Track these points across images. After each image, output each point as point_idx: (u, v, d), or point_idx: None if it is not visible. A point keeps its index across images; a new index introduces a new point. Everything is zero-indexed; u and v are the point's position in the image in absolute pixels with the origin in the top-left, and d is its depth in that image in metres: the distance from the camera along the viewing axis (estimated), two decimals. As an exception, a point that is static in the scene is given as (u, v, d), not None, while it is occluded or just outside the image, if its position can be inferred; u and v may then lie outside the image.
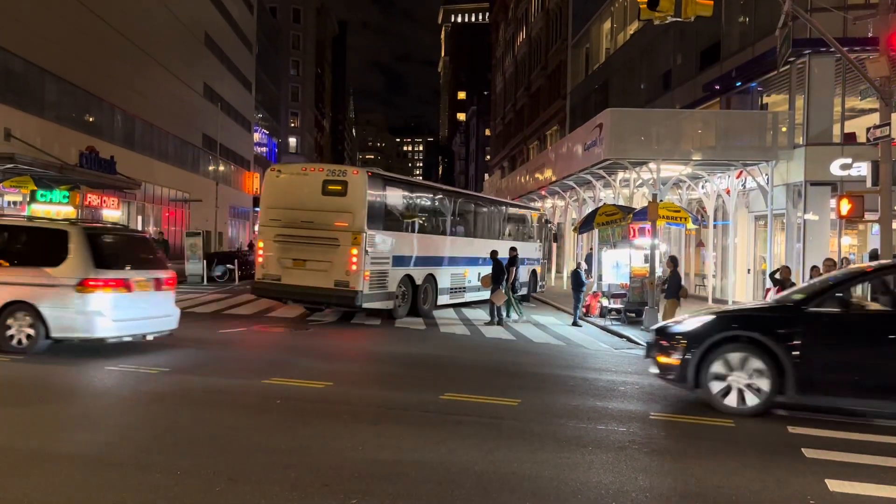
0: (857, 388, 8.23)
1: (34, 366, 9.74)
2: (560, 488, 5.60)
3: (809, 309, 8.54)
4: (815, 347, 8.29)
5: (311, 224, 16.08)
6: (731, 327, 8.76)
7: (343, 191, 16.13)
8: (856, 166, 18.49)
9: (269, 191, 17.17)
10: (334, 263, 15.81)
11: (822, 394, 8.37)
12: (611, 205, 20.98)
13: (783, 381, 8.22)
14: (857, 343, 8.40)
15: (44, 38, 29.07)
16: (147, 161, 40.56)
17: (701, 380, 8.56)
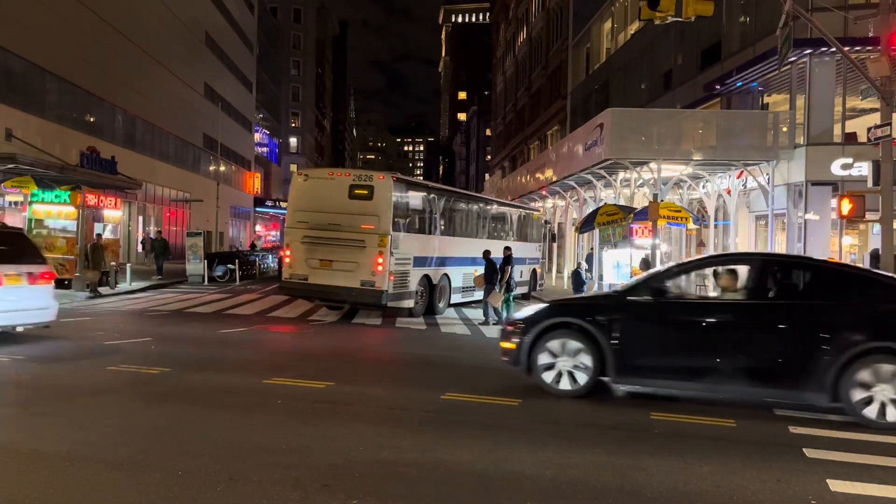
0: (669, 372, 8.71)
1: (34, 366, 9.75)
2: (561, 488, 5.60)
3: (628, 297, 9.09)
4: (631, 333, 8.78)
5: (337, 226, 16.68)
6: (560, 314, 9.28)
7: (369, 195, 16.76)
8: (857, 166, 18.49)
9: (297, 194, 17.64)
10: (360, 264, 16.41)
11: (639, 376, 8.88)
12: (611, 205, 20.98)
13: (604, 365, 8.77)
14: (667, 329, 8.85)
15: (45, 39, 29.08)
16: (148, 161, 40.58)
17: (532, 363, 9.11)
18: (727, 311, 8.89)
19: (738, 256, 11.79)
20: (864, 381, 7.94)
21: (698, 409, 8.76)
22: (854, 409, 8.01)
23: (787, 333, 8.37)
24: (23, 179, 22.71)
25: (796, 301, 8.88)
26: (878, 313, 8.32)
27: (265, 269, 34.82)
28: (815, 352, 8.10)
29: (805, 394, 8.25)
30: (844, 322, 8.23)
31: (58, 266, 21.45)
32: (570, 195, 32.39)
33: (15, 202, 26.58)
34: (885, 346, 7.93)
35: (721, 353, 8.48)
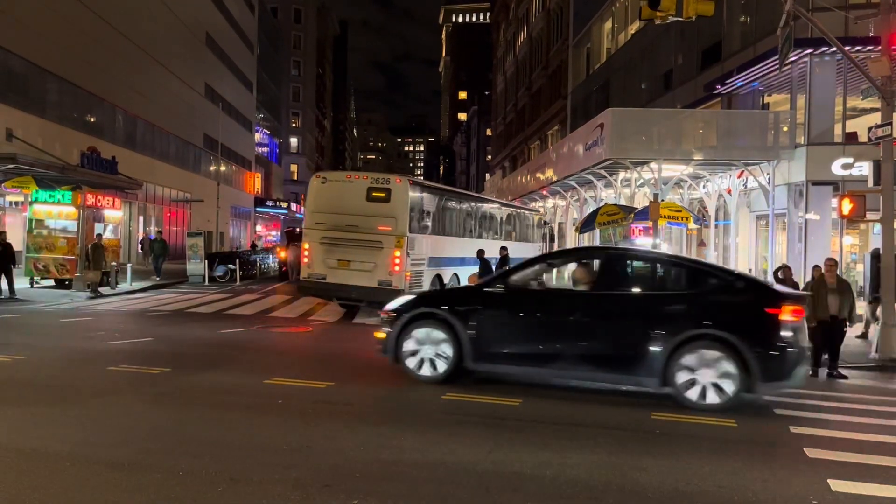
0: (520, 358, 9.25)
1: (35, 366, 9.75)
2: (562, 487, 5.59)
3: (485, 289, 9.72)
4: (486, 323, 9.32)
5: (355, 228, 17.08)
6: (425, 304, 9.77)
7: (387, 197, 17.26)
8: (857, 166, 18.47)
9: (315, 196, 17.98)
10: (378, 264, 16.87)
11: (494, 362, 9.32)
12: (612, 204, 20.98)
13: (462, 352, 9.25)
14: (517, 318, 9.43)
15: (45, 39, 29.09)
16: (148, 161, 40.59)
17: (399, 351, 9.55)
18: (571, 301, 9.48)
19: (585, 251, 12.64)
20: (689, 366, 8.49)
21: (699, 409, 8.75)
22: (679, 391, 8.56)
23: (623, 322, 8.94)
24: (23, 179, 22.73)
25: (633, 292, 9.49)
26: (705, 303, 8.85)
27: (265, 270, 34.82)
28: (647, 338, 8.65)
29: (639, 378, 8.81)
30: (674, 311, 8.83)
31: (58, 266, 21.48)
32: (570, 195, 32.40)
33: (15, 202, 26.62)
34: (709, 334, 8.47)
35: (565, 340, 9.04)
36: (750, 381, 8.38)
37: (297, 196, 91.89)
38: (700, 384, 8.48)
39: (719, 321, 8.52)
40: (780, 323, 8.44)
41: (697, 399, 8.50)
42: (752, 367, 8.29)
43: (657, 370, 8.56)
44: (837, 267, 12.76)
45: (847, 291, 12.18)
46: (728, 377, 8.41)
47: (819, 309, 11.88)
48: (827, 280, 12.06)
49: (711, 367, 8.43)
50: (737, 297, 8.94)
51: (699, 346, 8.48)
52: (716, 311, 8.69)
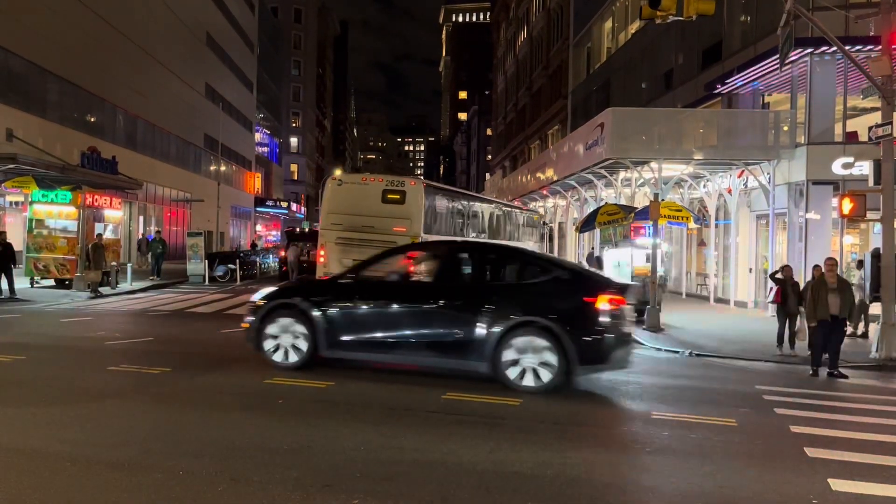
0: (368, 345, 9.71)
1: (35, 366, 9.75)
2: (562, 488, 5.59)
3: (338, 281, 10.38)
4: (337, 312, 9.78)
5: (371, 228, 17.48)
6: (285, 296, 10.24)
7: (401, 199, 17.83)
8: (858, 165, 18.46)
9: (330, 198, 18.50)
10: None
11: (345, 350, 9.77)
12: (612, 204, 20.96)
13: (317, 340, 9.71)
14: (365, 308, 9.89)
15: (46, 39, 29.09)
16: (149, 161, 40.59)
17: (260, 340, 9.94)
18: (412, 292, 10.01)
19: (431, 244, 13.37)
20: (515, 351, 9.05)
21: (699, 409, 8.76)
22: (504, 374, 9.08)
23: (458, 311, 9.45)
24: (24, 179, 22.73)
25: (468, 283, 9.97)
26: (531, 293, 9.44)
27: (266, 269, 34.83)
28: (480, 326, 9.18)
29: (473, 362, 9.30)
30: (504, 301, 9.32)
31: (58, 266, 21.49)
32: (570, 195, 32.39)
33: (16, 202, 26.64)
34: (533, 321, 9.01)
35: (408, 328, 9.57)
36: (569, 365, 8.94)
37: (297, 196, 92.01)
38: (524, 368, 9.03)
39: (542, 310, 9.07)
40: (597, 311, 9.01)
41: (523, 381, 9.02)
42: (569, 352, 8.87)
43: (487, 355, 9.09)
44: (837, 267, 12.74)
45: (847, 291, 12.15)
46: (548, 361, 8.97)
47: (819, 309, 11.87)
48: (827, 280, 12.03)
49: (535, 352, 8.99)
50: (561, 287, 9.54)
51: (524, 332, 9.01)
52: (540, 301, 9.26)
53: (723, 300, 23.91)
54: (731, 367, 12.84)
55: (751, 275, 23.15)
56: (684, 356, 13.69)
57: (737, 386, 10.72)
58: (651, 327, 16.63)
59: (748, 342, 15.31)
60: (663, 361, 13.07)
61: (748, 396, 9.81)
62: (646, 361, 12.95)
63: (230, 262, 29.49)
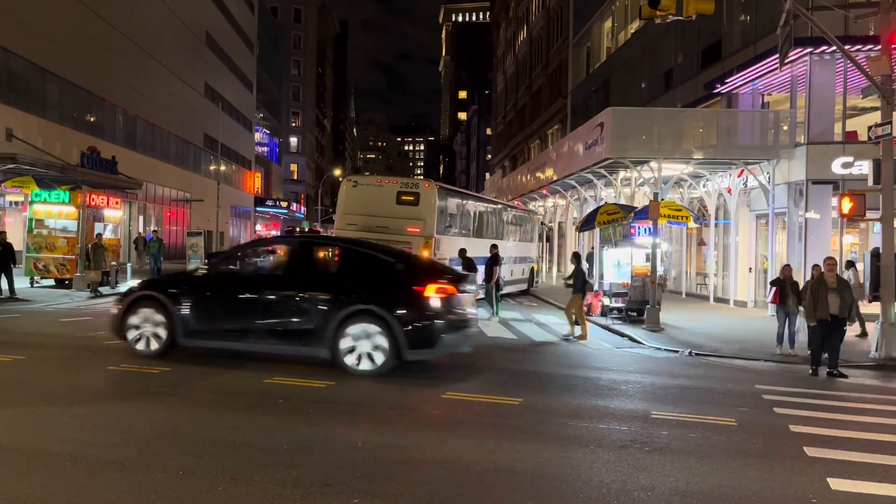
0: (222, 333, 10.24)
1: (35, 366, 9.75)
2: (562, 487, 5.60)
3: (195, 274, 11.16)
4: (193, 303, 10.30)
5: (385, 229, 17.96)
6: (147, 288, 10.82)
7: (415, 201, 18.55)
8: (857, 165, 18.47)
9: (346, 199, 19.19)
10: None
11: (202, 338, 10.33)
12: (612, 204, 20.97)
13: (174, 330, 10.19)
14: (219, 299, 10.47)
15: (46, 39, 29.09)
16: (148, 161, 40.58)
17: (124, 330, 10.43)
18: (260, 283, 10.59)
19: (281, 238, 14.44)
20: (351, 337, 9.59)
21: (699, 408, 8.77)
22: (342, 360, 9.60)
23: (301, 301, 10.02)
24: (23, 179, 22.72)
25: (311, 274, 10.56)
26: (367, 283, 10.00)
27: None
28: (320, 315, 9.74)
29: (315, 348, 9.84)
30: (343, 290, 9.88)
31: (58, 266, 21.49)
32: (570, 194, 32.39)
33: (15, 202, 26.63)
34: (367, 309, 9.59)
35: (256, 317, 10.10)
36: (399, 349, 9.54)
37: (297, 196, 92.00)
38: (359, 353, 9.60)
39: (376, 299, 9.68)
40: (425, 299, 9.65)
41: (357, 365, 9.58)
42: (399, 337, 9.49)
43: (328, 342, 9.65)
44: (837, 266, 12.72)
45: (847, 291, 12.09)
46: (381, 346, 9.55)
47: (819, 308, 11.84)
48: (827, 279, 11.99)
49: (369, 338, 9.56)
50: (394, 278, 10.21)
51: (360, 320, 9.59)
52: (375, 291, 9.85)
53: (722, 300, 23.92)
54: (731, 366, 12.84)
55: (750, 274, 23.17)
56: (684, 355, 13.70)
57: (736, 385, 10.73)
58: (650, 327, 16.64)
59: (748, 342, 15.32)
60: (662, 361, 13.07)
61: (748, 396, 9.82)
62: (645, 361, 12.96)
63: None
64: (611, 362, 12.56)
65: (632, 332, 16.03)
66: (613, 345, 14.92)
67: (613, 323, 17.81)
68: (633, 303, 18.21)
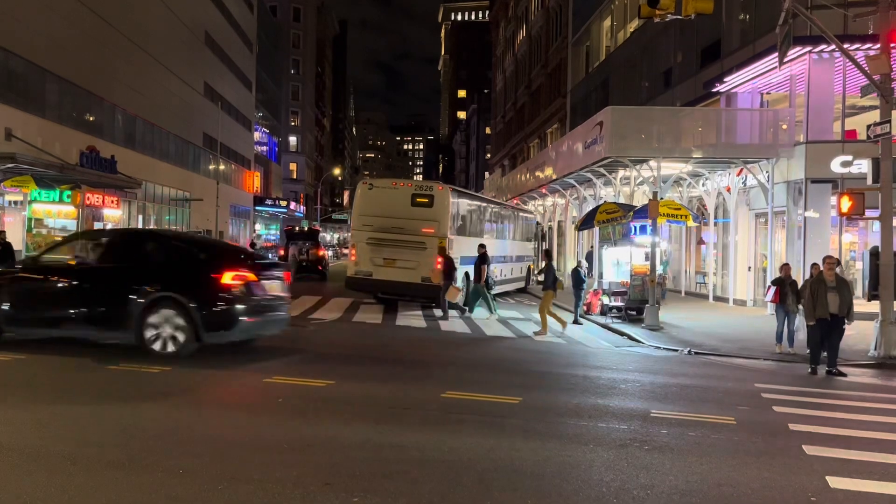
0: (42, 322, 10.93)
1: (35, 366, 9.76)
2: (562, 486, 5.60)
3: (18, 266, 12.28)
4: (15, 294, 11.06)
5: (400, 230, 18.83)
6: None
7: (430, 203, 19.16)
8: (856, 163, 18.49)
9: (362, 201, 19.76)
10: (421, 263, 18.70)
11: (23, 326, 11.00)
12: (611, 203, 20.98)
13: None
14: (38, 290, 11.14)
15: (45, 38, 29.06)
16: (148, 160, 40.55)
17: None
18: (74, 274, 11.14)
19: (96, 232, 15.42)
20: (154, 323, 10.20)
21: (698, 407, 8.78)
22: (147, 345, 10.20)
23: (110, 289, 10.66)
24: (23, 179, 22.72)
25: (120, 265, 11.04)
26: (171, 271, 10.69)
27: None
28: (126, 302, 10.34)
29: (122, 334, 10.51)
30: (148, 279, 10.49)
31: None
32: (569, 193, 32.41)
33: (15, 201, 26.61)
34: (169, 296, 10.22)
35: (70, 306, 10.73)
36: (197, 332, 10.18)
37: (297, 195, 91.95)
38: (162, 337, 10.23)
39: (178, 286, 10.33)
40: (221, 285, 10.30)
41: (161, 349, 10.21)
42: (196, 321, 10.13)
43: (134, 327, 10.22)
44: (837, 265, 12.70)
45: (846, 290, 12.09)
46: (181, 329, 10.18)
47: (818, 307, 11.84)
48: (826, 278, 11.99)
49: (170, 323, 10.19)
50: (196, 266, 10.84)
51: (162, 306, 10.20)
52: (177, 278, 10.54)
53: (721, 298, 23.93)
54: (730, 365, 12.86)
55: (750, 273, 23.18)
56: (683, 354, 13.71)
57: (735, 384, 10.74)
58: (650, 325, 16.66)
59: (747, 340, 15.33)
60: (662, 360, 13.09)
61: (747, 394, 9.83)
62: (644, 359, 12.98)
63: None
64: (610, 361, 12.57)
65: (631, 331, 16.05)
66: (613, 343, 14.94)
67: (613, 322, 17.83)
68: (632, 302, 18.24)
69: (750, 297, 22.76)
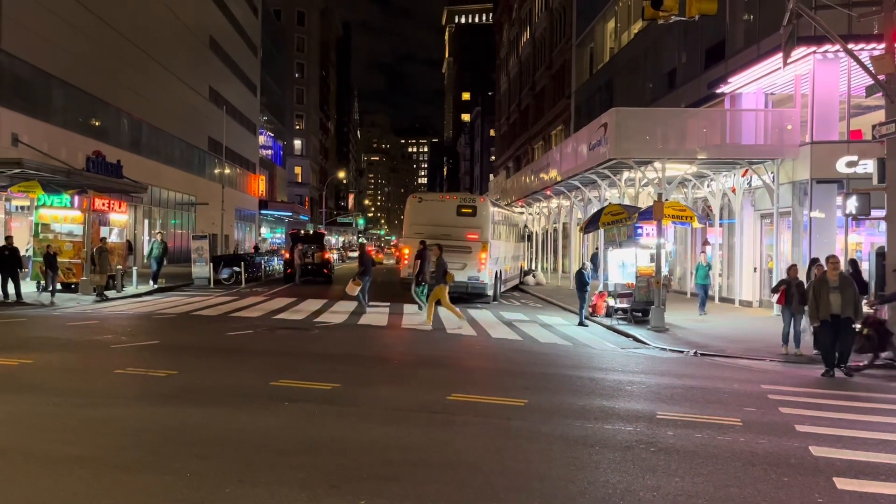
0: None
1: (43, 370, 9.81)
2: (568, 487, 5.61)
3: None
4: None
5: (448, 236, 21.43)
6: None
7: (473, 213, 22.44)
8: (862, 163, 18.42)
9: (413, 212, 23.05)
10: (467, 264, 21.81)
11: None
12: (616, 204, 20.95)
13: None
14: None
15: (50, 44, 29.20)
16: (153, 165, 40.69)
17: None
18: None
19: None
20: None
21: (704, 409, 8.77)
22: None
23: None
24: (29, 184, 22.78)
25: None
26: None
27: (270, 272, 34.89)
28: None
29: None
30: None
31: (64, 270, 21.55)
32: (574, 195, 32.37)
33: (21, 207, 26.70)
34: None
35: None
36: None
37: (302, 198, 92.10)
38: None
39: None
40: None
41: None
42: None
43: None
44: (840, 264, 12.52)
45: (849, 289, 11.87)
46: None
47: (821, 308, 11.71)
48: (829, 277, 11.87)
49: None
50: None
51: None
52: None
53: (727, 299, 23.87)
54: (736, 366, 12.83)
55: (755, 274, 23.12)
56: (689, 356, 13.69)
57: (741, 385, 10.72)
58: (655, 327, 16.63)
59: (753, 341, 15.30)
60: (668, 361, 13.07)
61: (753, 396, 9.81)
62: (650, 361, 12.97)
63: (235, 264, 29.56)
64: (616, 363, 12.56)
65: (636, 333, 16.03)
66: (618, 345, 14.93)
67: (618, 323, 17.81)
68: (637, 303, 18.21)
69: (756, 297, 22.69)
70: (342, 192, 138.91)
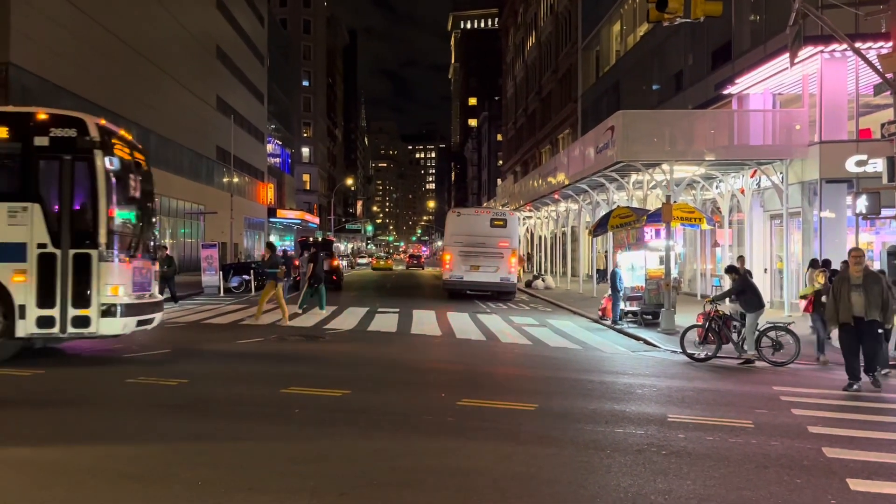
0: None
1: (54, 379, 9.85)
2: (578, 492, 5.59)
3: None
4: None
5: (482, 244, 26.44)
6: None
7: (504, 224, 27.20)
8: (871, 162, 18.32)
9: (452, 224, 27.93)
10: (499, 268, 26.50)
11: None
12: (624, 207, 20.93)
13: None
14: None
15: (59, 56, 29.44)
16: (162, 175, 40.84)
17: None
18: None
19: None
20: None
21: (715, 411, 8.72)
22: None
23: None
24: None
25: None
26: None
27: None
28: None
29: None
30: None
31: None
32: (582, 198, 32.32)
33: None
34: None
35: None
36: None
37: (310, 206, 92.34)
38: None
39: None
40: None
41: None
42: None
43: None
44: (864, 258, 10.87)
45: (874, 288, 10.20)
46: None
47: (841, 310, 10.30)
48: (852, 274, 10.39)
49: None
50: None
51: None
52: None
53: (737, 301, 23.74)
54: (747, 368, 12.76)
55: (765, 275, 23.00)
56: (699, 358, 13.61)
57: (753, 387, 10.66)
58: (666, 329, 16.57)
59: (764, 343, 15.17)
60: (678, 364, 13.01)
61: (765, 398, 9.75)
62: (661, 364, 12.91)
63: (244, 272, 29.64)
64: (626, 366, 12.52)
65: (647, 336, 15.97)
66: (628, 348, 14.87)
67: (628, 326, 17.76)
68: (647, 306, 18.16)
69: (766, 299, 22.55)
70: (350, 199, 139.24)
